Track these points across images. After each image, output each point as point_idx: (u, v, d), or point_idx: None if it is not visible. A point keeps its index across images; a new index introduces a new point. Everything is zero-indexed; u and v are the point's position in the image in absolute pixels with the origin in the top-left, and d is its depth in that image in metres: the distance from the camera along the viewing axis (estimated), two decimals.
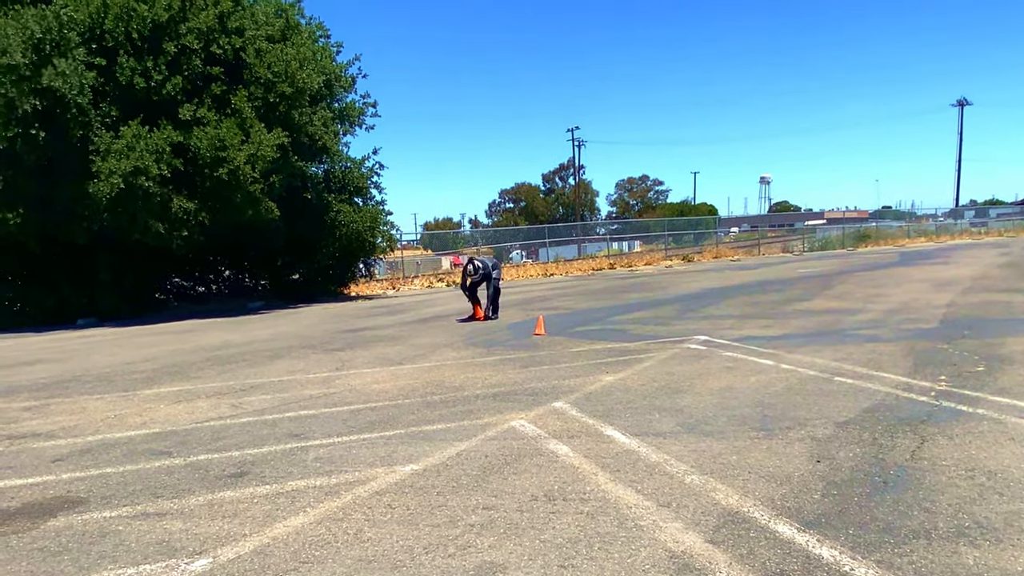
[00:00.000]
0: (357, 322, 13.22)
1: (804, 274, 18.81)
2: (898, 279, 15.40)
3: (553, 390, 6.11)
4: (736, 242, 44.57)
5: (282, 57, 16.00)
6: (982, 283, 13.37)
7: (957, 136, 62.60)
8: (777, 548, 2.86)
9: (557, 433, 4.73)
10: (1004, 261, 19.30)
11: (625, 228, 53.15)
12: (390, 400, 6.12)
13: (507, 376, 6.89)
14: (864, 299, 11.69)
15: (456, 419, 5.30)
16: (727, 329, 9.08)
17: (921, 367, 6.15)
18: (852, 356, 6.81)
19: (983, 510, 3.11)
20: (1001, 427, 4.29)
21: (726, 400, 5.39)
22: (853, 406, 5.00)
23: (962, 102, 61.98)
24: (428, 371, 7.44)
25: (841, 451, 4.04)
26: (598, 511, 3.35)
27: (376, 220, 19.92)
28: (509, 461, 4.19)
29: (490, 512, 3.41)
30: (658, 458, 4.09)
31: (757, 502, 3.35)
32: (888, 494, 3.36)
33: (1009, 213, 58.57)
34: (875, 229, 41.99)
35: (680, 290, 16.10)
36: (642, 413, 5.13)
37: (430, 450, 4.52)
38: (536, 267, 30.15)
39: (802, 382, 5.85)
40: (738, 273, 21.20)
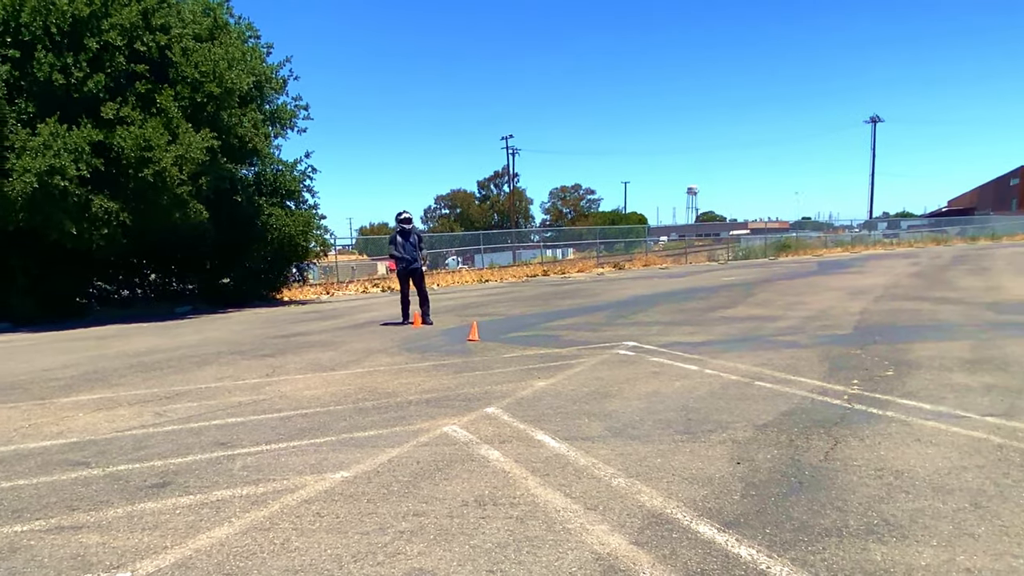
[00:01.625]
0: (289, 327, 12.93)
1: (728, 282, 19.36)
2: (816, 287, 16.01)
3: (486, 395, 6.11)
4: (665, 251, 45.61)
5: (210, 57, 15.55)
6: (893, 291, 14.03)
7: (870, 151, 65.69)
8: (698, 548, 2.93)
9: (489, 438, 4.73)
10: (913, 271, 20.30)
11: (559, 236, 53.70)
12: (322, 406, 6.01)
13: (440, 382, 6.86)
14: (784, 307, 12.11)
15: (388, 425, 5.24)
16: (655, 335, 9.26)
17: (836, 372, 6.41)
18: (772, 361, 7.03)
19: (891, 508, 3.25)
20: (908, 428, 4.51)
21: (652, 404, 5.49)
22: (772, 409, 5.16)
23: (874, 119, 65.05)
24: (361, 377, 7.34)
25: (760, 453, 4.17)
26: (527, 515, 3.36)
27: (309, 224, 19.56)
28: (441, 467, 4.16)
29: (420, 518, 3.38)
30: (586, 462, 4.14)
31: (680, 504, 3.43)
32: (803, 494, 3.48)
33: (919, 225, 61.65)
34: (795, 239, 43.53)
35: (611, 297, 16.34)
36: (572, 418, 5.19)
37: (361, 457, 4.45)
38: (472, 273, 30.16)
39: (724, 387, 6.01)
40: (666, 281, 21.67)
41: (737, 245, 42.94)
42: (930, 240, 48.85)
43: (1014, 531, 2.93)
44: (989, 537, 2.89)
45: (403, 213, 12.00)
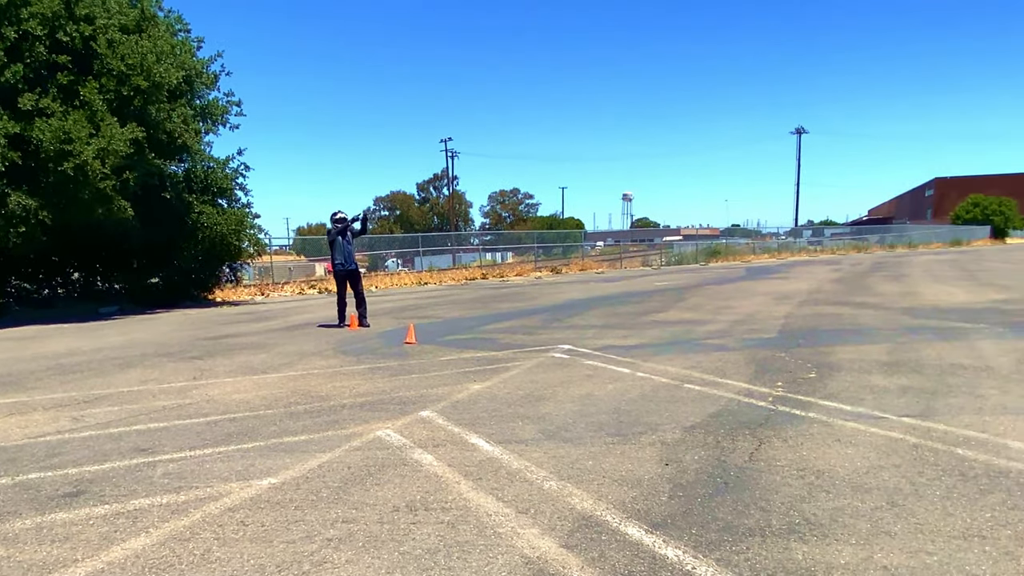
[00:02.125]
0: (220, 329, 12.53)
1: (661, 287, 19.71)
2: (744, 292, 16.44)
3: (421, 399, 6.02)
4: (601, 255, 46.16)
5: (137, 49, 14.93)
6: (816, 296, 14.52)
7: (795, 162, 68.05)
8: (626, 550, 2.94)
9: (423, 442, 4.66)
10: (835, 277, 21.07)
11: (498, 239, 53.78)
12: (251, 411, 5.82)
13: (376, 385, 6.74)
14: (714, 311, 12.38)
15: (320, 429, 5.10)
16: (589, 339, 9.33)
17: (761, 374, 6.56)
18: (701, 364, 7.16)
19: (812, 507, 3.33)
20: (829, 429, 4.64)
21: (585, 407, 5.51)
22: (700, 411, 5.25)
23: (799, 130, 67.50)
24: (294, 380, 7.15)
25: (687, 454, 4.22)
26: (459, 520, 3.31)
27: (242, 223, 18.95)
28: (372, 472, 4.07)
29: (349, 525, 3.29)
30: (519, 465, 4.11)
31: (610, 506, 3.43)
32: (728, 494, 3.54)
33: (841, 233, 64.15)
34: (725, 245, 44.68)
35: (548, 301, 16.43)
36: (506, 421, 5.16)
37: (290, 462, 4.32)
38: (411, 276, 29.87)
39: (655, 389, 6.09)
40: (602, 285, 21.92)
41: (670, 251, 43.77)
42: (851, 247, 50.86)
43: (928, 529, 3.04)
44: (905, 535, 2.98)
45: (338, 213, 11.78)
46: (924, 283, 17.25)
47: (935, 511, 3.22)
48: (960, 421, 4.70)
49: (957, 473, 3.70)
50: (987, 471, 3.71)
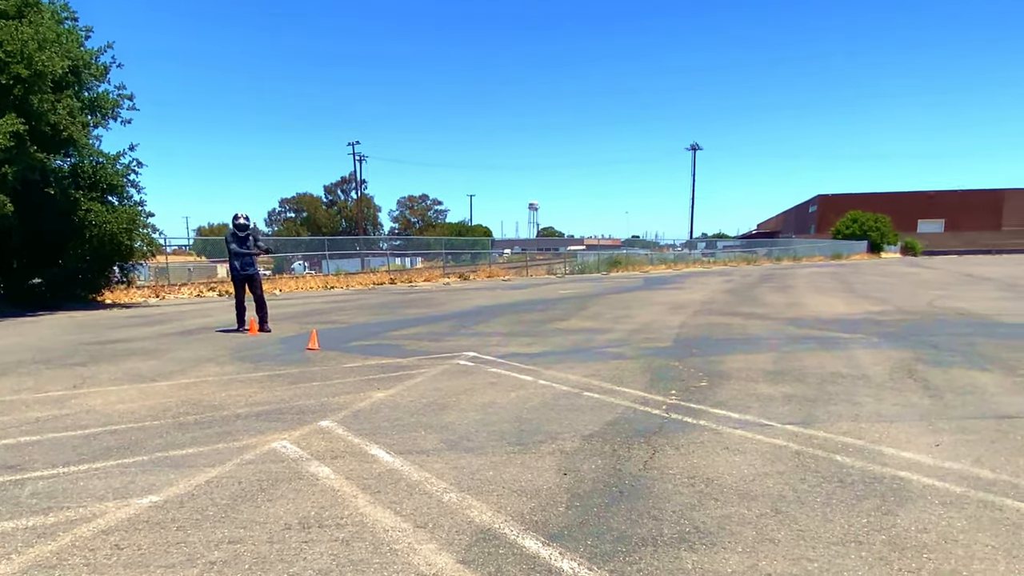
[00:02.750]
0: (108, 333, 11.74)
1: (565, 295, 19.98)
2: (642, 302, 16.87)
3: (322, 408, 5.81)
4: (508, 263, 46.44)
5: (17, 36, 13.87)
6: (709, 307, 15.07)
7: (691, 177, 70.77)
8: (523, 564, 2.89)
9: (320, 454, 4.48)
10: (727, 288, 21.96)
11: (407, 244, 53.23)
12: (135, 422, 5.44)
13: (274, 393, 6.45)
14: (613, 320, 12.63)
15: (211, 442, 4.82)
16: (494, 346, 9.31)
17: (656, 382, 6.71)
18: (600, 372, 7.26)
19: (701, 515, 3.40)
20: (718, 437, 4.77)
21: (488, 416, 5.46)
22: (598, 420, 5.29)
23: (695, 147, 70.23)
24: (185, 388, 6.76)
25: (585, 463, 4.24)
26: (354, 537, 3.18)
27: (134, 221, 17.82)
28: (265, 487, 3.87)
29: (236, 546, 3.10)
30: (419, 477, 4.01)
31: (508, 518, 3.39)
32: (623, 504, 3.56)
33: (732, 246, 67.04)
34: (625, 256, 45.87)
35: (455, 307, 16.33)
36: (409, 430, 5.04)
37: (175, 478, 4.05)
38: (317, 279, 29.03)
39: (556, 397, 6.11)
40: (508, 292, 22.01)
41: (574, 260, 44.51)
42: (742, 260, 53.27)
43: (809, 535, 3.14)
44: (788, 542, 3.08)
45: (239, 216, 11.24)
46: (808, 295, 18.23)
47: (816, 518, 3.34)
48: (839, 428, 4.93)
49: (836, 480, 3.87)
50: (863, 477, 3.90)
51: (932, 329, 10.42)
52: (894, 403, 5.72)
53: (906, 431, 4.86)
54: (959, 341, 9.04)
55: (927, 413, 5.35)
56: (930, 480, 3.85)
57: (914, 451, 4.39)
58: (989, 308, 13.58)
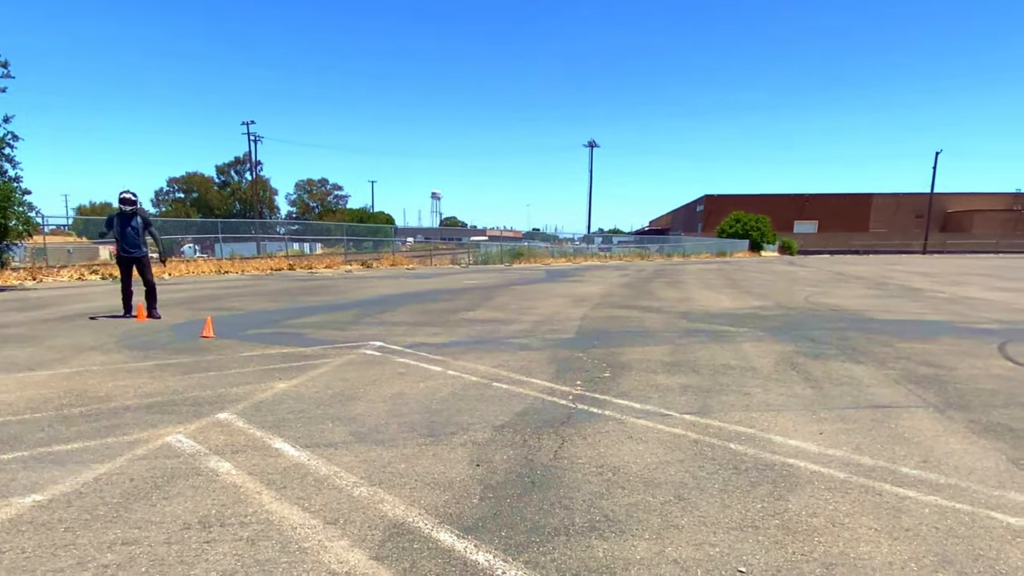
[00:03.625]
0: None
1: (470, 285, 19.93)
2: (545, 294, 17.07)
3: (219, 399, 5.50)
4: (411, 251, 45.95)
5: None
6: (608, 300, 15.42)
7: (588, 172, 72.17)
8: (438, 558, 2.84)
9: (220, 448, 4.23)
10: (624, 281, 22.57)
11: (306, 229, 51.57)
12: (13, 414, 4.98)
13: (166, 384, 6.07)
14: (518, 311, 12.70)
15: (99, 436, 4.47)
16: (401, 335, 9.15)
17: (562, 373, 6.78)
18: (508, 363, 7.26)
19: (610, 504, 3.44)
20: (622, 426, 4.87)
21: (398, 407, 5.34)
22: (508, 410, 5.29)
23: (592, 143, 71.38)
24: (68, 378, 6.25)
25: (497, 454, 4.21)
26: (259, 535, 3.02)
27: (8, 199, 16.37)
28: (160, 484, 3.61)
29: (131, 547, 2.87)
30: (328, 471, 3.86)
31: (422, 511, 3.31)
32: (535, 494, 3.56)
33: (627, 241, 69.00)
34: (527, 248, 46.26)
35: (359, 295, 15.95)
36: (315, 423, 4.85)
37: (61, 475, 3.72)
38: (210, 263, 27.62)
39: (466, 387, 6.06)
40: (413, 281, 21.74)
41: (477, 250, 44.52)
42: (636, 255, 54.97)
43: (710, 521, 3.25)
44: (691, 528, 3.16)
45: (125, 193, 10.47)
46: (697, 290, 18.99)
47: (715, 504, 3.46)
48: (732, 417, 5.14)
49: (731, 467, 4.03)
50: (756, 464, 4.07)
51: (810, 324, 11.07)
52: (780, 393, 6.03)
53: (792, 420, 5.12)
54: (834, 335, 9.65)
55: (810, 403, 5.67)
56: (816, 467, 4.07)
57: (800, 439, 4.63)
58: (860, 304, 14.58)
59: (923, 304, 14.82)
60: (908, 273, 29.40)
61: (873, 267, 36.90)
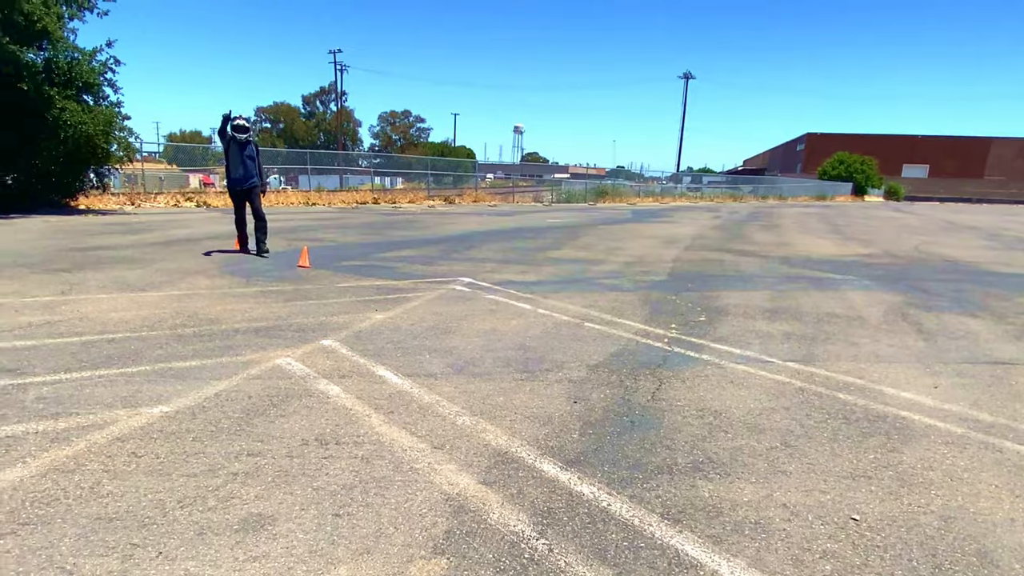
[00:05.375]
0: (88, 239, 11.51)
1: (553, 224, 19.91)
2: (633, 234, 16.89)
3: (321, 327, 5.80)
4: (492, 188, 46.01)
5: None
6: (700, 242, 15.13)
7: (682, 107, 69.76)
8: (544, 487, 2.96)
9: (327, 373, 4.49)
10: (716, 224, 22.03)
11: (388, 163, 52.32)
12: (132, 331, 5.40)
13: (270, 310, 6.42)
14: (606, 251, 12.64)
15: (213, 355, 4.81)
16: (489, 272, 9.30)
17: (655, 315, 6.77)
18: (598, 304, 7.30)
19: (713, 447, 3.48)
20: (722, 371, 4.86)
21: (491, 342, 5.49)
22: (602, 350, 5.35)
23: (687, 75, 68.76)
24: (177, 300, 6.69)
25: (594, 392, 4.30)
26: (373, 455, 3.22)
27: (111, 123, 17.18)
28: (276, 403, 3.88)
29: (256, 459, 3.13)
30: (430, 399, 4.05)
31: (524, 442, 3.45)
32: (635, 433, 3.64)
33: (718, 181, 66.78)
34: (611, 187, 45.51)
35: (444, 231, 16.21)
36: (413, 354, 5.06)
37: (183, 390, 4.05)
38: (298, 195, 28.57)
39: (557, 326, 6.15)
40: (496, 219, 21.88)
41: (559, 188, 44.14)
42: (728, 196, 53.29)
43: (820, 469, 3.25)
44: (799, 474, 3.18)
45: (238, 119, 9.81)
46: (796, 234, 18.36)
47: (824, 452, 3.45)
48: (839, 367, 5.04)
49: (840, 417, 3.98)
50: (867, 415, 4.01)
51: (921, 274, 10.58)
52: (890, 344, 5.85)
53: (904, 372, 4.98)
54: (948, 287, 9.20)
55: (923, 356, 5.48)
56: (931, 420, 3.98)
57: (914, 392, 4.51)
58: (974, 256, 13.79)
59: None
60: None
61: (987, 216, 34.61)
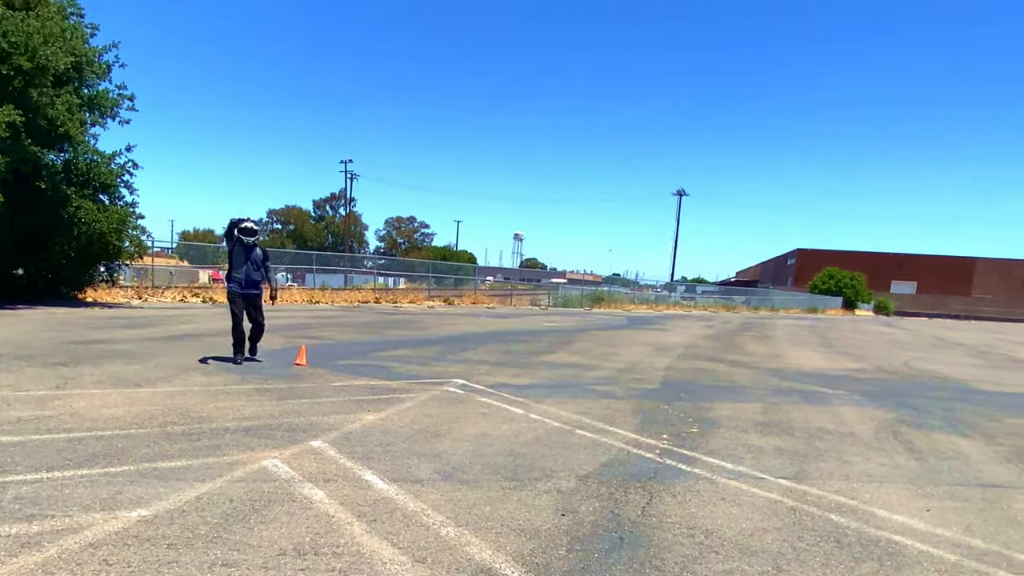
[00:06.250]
0: (91, 333, 11.47)
1: (549, 328, 19.92)
2: (627, 340, 16.86)
3: (312, 427, 5.67)
4: (491, 291, 46.36)
5: (23, 27, 13.80)
6: (693, 351, 15.08)
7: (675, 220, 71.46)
8: None
9: (313, 476, 4.34)
10: (709, 333, 22.03)
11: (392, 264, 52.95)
12: (121, 428, 5.27)
13: (262, 408, 6.30)
14: (600, 356, 12.58)
15: (200, 455, 4.67)
16: (483, 375, 9.20)
17: (647, 425, 6.64)
18: (591, 410, 7.18)
19: (703, 569, 3.31)
20: (714, 487, 4.71)
21: (481, 447, 5.36)
22: (592, 460, 5.21)
23: (680, 192, 70.99)
24: (171, 396, 6.58)
25: (583, 505, 4.15)
26: (351, 567, 3.06)
27: (124, 222, 17.53)
28: (257, 508, 3.73)
29: (230, 570, 2.96)
30: (416, 507, 3.89)
31: (508, 557, 3.28)
32: (624, 551, 3.47)
33: (711, 291, 67.47)
34: (607, 293, 45.88)
35: (442, 332, 16.20)
36: (402, 457, 4.92)
37: (165, 492, 3.89)
38: (302, 292, 28.75)
39: (548, 433, 6.02)
40: (493, 320, 21.91)
41: (556, 293, 44.52)
42: (721, 306, 53.60)
43: None
44: None
45: (246, 221, 8.94)
46: (788, 346, 18.33)
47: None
48: (831, 486, 4.89)
49: (833, 539, 3.81)
50: (859, 539, 3.85)
51: (911, 391, 10.48)
52: (881, 463, 5.71)
53: (896, 493, 4.83)
54: (938, 405, 9.10)
55: (915, 476, 5.34)
56: (924, 546, 3.81)
57: (906, 515, 4.35)
58: (964, 374, 13.72)
59: None
60: (1014, 343, 27.52)
61: (976, 334, 34.72)
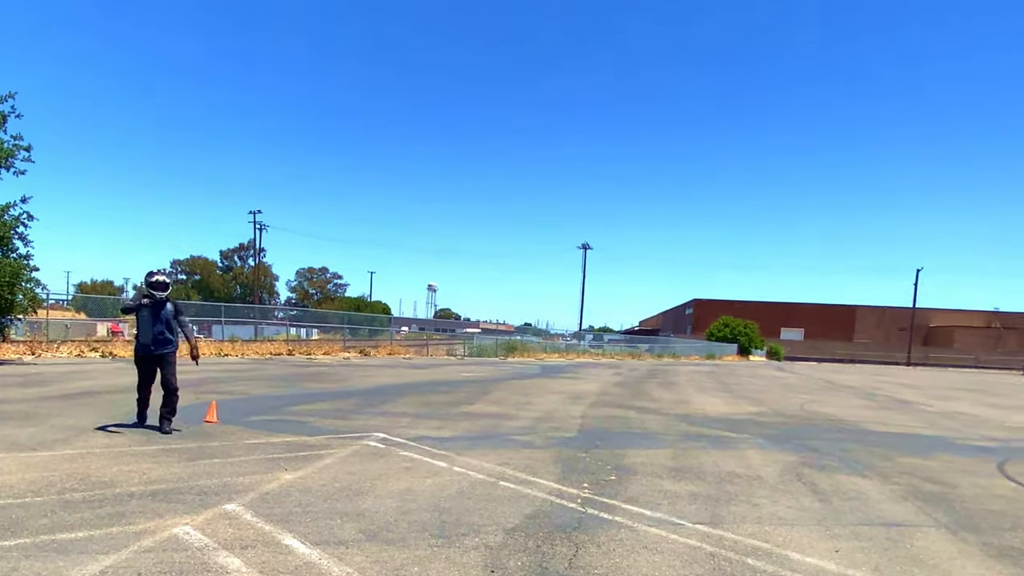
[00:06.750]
0: None
1: (467, 378, 19.77)
2: (542, 389, 16.92)
3: (225, 488, 5.34)
4: (407, 341, 45.78)
5: None
6: (605, 398, 15.28)
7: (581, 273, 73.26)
8: None
9: (229, 543, 4.07)
10: (618, 380, 22.42)
11: (304, 316, 51.63)
12: (15, 498, 4.81)
13: (171, 470, 5.89)
14: (517, 406, 12.55)
15: (103, 524, 4.30)
16: (403, 428, 8.99)
17: (568, 474, 6.63)
18: (512, 461, 7.12)
19: None
20: (636, 535, 4.72)
21: (406, 503, 5.19)
22: (517, 512, 5.14)
23: (585, 246, 72.97)
24: (70, 460, 6.07)
25: (511, 560, 4.06)
26: None
27: (18, 275, 16.32)
28: None
29: None
30: (340, 572, 3.70)
31: None
32: None
33: (617, 340, 69.14)
34: (521, 342, 46.20)
35: (359, 384, 15.77)
36: (323, 518, 4.69)
37: (65, 566, 3.55)
38: (210, 345, 27.35)
39: (473, 486, 5.91)
40: (411, 371, 21.55)
41: (471, 342, 44.45)
42: (627, 354, 54.80)
43: None
44: None
45: (158, 275, 7.84)
46: (692, 392, 18.88)
47: None
48: (745, 530, 5.00)
49: None
50: None
51: (809, 433, 10.96)
52: (789, 506, 5.89)
53: (807, 535, 4.99)
54: (835, 446, 9.54)
55: (822, 518, 5.53)
56: None
57: (817, 556, 4.49)
58: (855, 415, 14.49)
59: (915, 417, 14.76)
60: (896, 385, 29.39)
61: (860, 376, 36.88)
